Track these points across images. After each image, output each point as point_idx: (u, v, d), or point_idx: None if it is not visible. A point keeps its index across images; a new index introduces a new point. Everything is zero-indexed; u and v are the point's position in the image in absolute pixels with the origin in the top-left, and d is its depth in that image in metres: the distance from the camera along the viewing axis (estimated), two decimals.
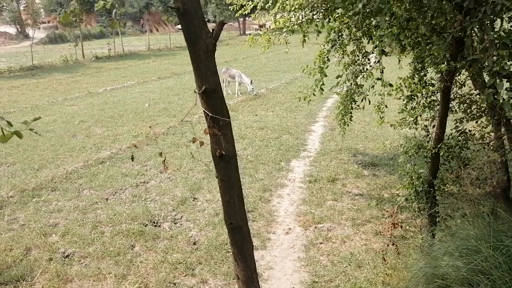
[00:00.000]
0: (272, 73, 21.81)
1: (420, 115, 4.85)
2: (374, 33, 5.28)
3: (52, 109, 14.69)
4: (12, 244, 6.00)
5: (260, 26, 61.08)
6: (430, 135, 4.77)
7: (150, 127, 11.87)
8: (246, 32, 54.67)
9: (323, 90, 5.51)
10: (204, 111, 2.67)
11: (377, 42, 5.13)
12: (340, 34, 5.40)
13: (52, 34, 49.17)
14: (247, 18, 57.83)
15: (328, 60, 5.28)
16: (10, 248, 5.90)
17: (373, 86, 5.39)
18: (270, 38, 5.72)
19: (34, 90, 18.62)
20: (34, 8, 49.77)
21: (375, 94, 5.45)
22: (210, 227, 6.44)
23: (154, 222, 6.61)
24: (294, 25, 5.30)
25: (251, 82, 15.64)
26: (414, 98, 5.07)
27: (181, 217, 6.81)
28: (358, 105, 6.02)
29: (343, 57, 5.79)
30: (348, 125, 6.35)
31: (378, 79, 5.31)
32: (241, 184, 3.02)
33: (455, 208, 4.94)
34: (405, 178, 4.74)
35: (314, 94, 5.66)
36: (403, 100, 5.40)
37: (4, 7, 29.17)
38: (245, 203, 6.91)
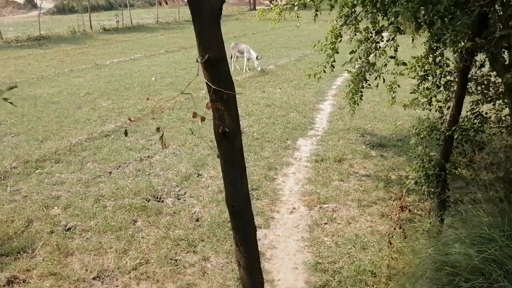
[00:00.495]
0: (281, 49, 21.45)
1: (435, 96, 4.65)
2: (390, 9, 5.06)
3: (58, 80, 14.55)
4: (13, 215, 5.95)
5: (271, 1, 60.26)
6: (444, 117, 4.58)
7: (147, 99, 11.74)
8: (257, 7, 53.87)
9: (334, 67, 5.31)
10: (206, 83, 2.43)
11: (392, 19, 4.91)
12: (353, 10, 5.17)
13: (61, 4, 48.60)
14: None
15: (340, 36, 5.06)
16: (12, 219, 5.85)
17: (385, 65, 5.19)
18: (281, 12, 5.48)
19: (41, 60, 18.46)
20: None
21: (387, 73, 5.25)
22: (213, 204, 6.35)
23: (157, 198, 6.53)
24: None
25: (257, 57, 15.35)
26: (428, 78, 4.86)
27: (185, 193, 6.73)
28: (369, 84, 5.81)
29: (355, 34, 5.56)
30: (358, 104, 6.16)
31: (391, 57, 5.10)
32: (245, 164, 2.83)
33: (466, 192, 4.79)
34: (415, 160, 4.57)
35: (324, 71, 5.47)
36: (417, 80, 5.20)
37: None
38: (249, 181, 6.83)
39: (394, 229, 4.64)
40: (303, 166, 7.80)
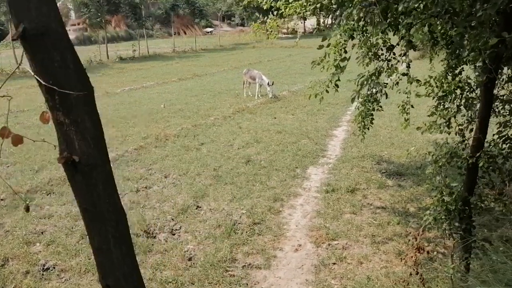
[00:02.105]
0: (296, 75, 21.00)
1: (454, 117, 4.01)
2: (401, 21, 4.50)
3: None
4: None
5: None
6: (466, 141, 3.92)
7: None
8: None
9: (338, 86, 4.73)
10: (36, 79, 1.53)
11: (403, 31, 4.34)
12: (361, 24, 4.61)
13: (81, 36, 49.70)
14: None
15: (345, 51, 4.51)
16: None
17: (397, 83, 4.59)
18: (278, 24, 4.97)
19: None
20: (63, 11, 50.54)
21: (399, 92, 4.65)
22: (209, 240, 5.74)
23: (149, 233, 5.95)
24: (306, 10, 4.54)
25: (268, 83, 14.91)
26: (447, 97, 4.24)
27: (180, 227, 6.13)
28: (381, 106, 5.20)
29: (361, 48, 5.00)
30: (368, 128, 5.54)
31: (403, 74, 4.52)
32: (125, 214, 1.89)
33: (496, 230, 4.08)
34: (434, 192, 3.90)
35: (327, 91, 4.88)
36: (435, 100, 4.59)
37: None
38: (252, 215, 6.20)
39: (410, 274, 3.94)
40: (312, 197, 7.14)
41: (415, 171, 8.04)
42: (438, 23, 4.91)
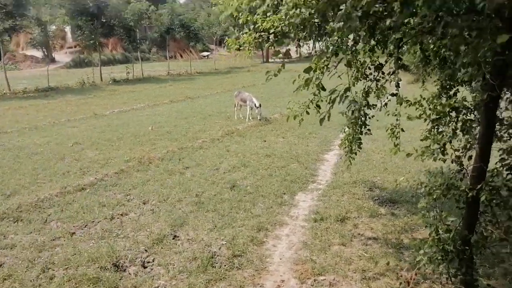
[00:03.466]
0: (289, 98, 20.61)
1: (450, 142, 3.56)
2: (389, 37, 4.11)
3: (51, 130, 13.85)
4: None
5: (284, 54, 60.72)
6: (464, 171, 3.46)
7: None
8: (270, 60, 54.20)
9: (319, 107, 4.31)
10: None
11: (392, 47, 3.95)
12: (346, 40, 4.22)
13: (77, 58, 49.60)
14: (271, 48, 57.40)
15: (327, 69, 4.11)
16: None
17: (385, 104, 4.17)
18: (255, 38, 4.56)
19: (41, 110, 17.97)
20: (60, 34, 50.57)
21: (388, 114, 4.23)
22: (184, 275, 5.22)
23: (118, 266, 5.42)
24: (283, 25, 4.15)
25: (257, 105, 14.57)
26: (441, 120, 3.81)
27: (153, 260, 5.61)
28: (369, 129, 4.77)
29: (351, 69, 4.61)
30: (356, 153, 5.10)
31: (392, 94, 4.11)
32: None
33: (503, 275, 3.59)
34: (428, 229, 3.42)
35: (307, 112, 4.46)
36: (428, 123, 4.17)
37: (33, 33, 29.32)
38: (233, 245, 5.67)
39: None
40: (299, 226, 6.65)
41: (410, 198, 7.58)
42: (430, 41, 4.55)
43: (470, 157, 3.47)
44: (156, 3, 35.37)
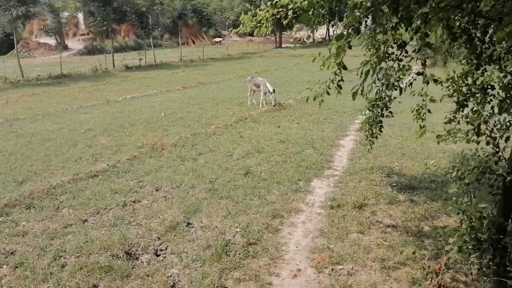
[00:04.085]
0: (303, 84, 20.26)
1: (486, 122, 3.31)
2: (415, 13, 3.84)
3: (64, 116, 13.80)
4: None
5: (297, 40, 60.02)
6: (501, 153, 3.21)
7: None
8: (283, 46, 53.60)
9: (341, 88, 4.07)
10: None
11: (418, 22, 3.68)
12: (367, 14, 3.95)
13: (90, 45, 49.62)
14: (283, 32, 56.85)
15: (350, 47, 3.86)
16: None
17: (411, 84, 3.92)
18: (273, 14, 4.29)
19: (54, 97, 17.95)
20: (73, 21, 50.61)
21: (413, 95, 3.98)
22: (197, 264, 5.07)
23: (130, 254, 5.30)
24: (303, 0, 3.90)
25: (271, 91, 14.32)
26: (467, 105, 3.55)
27: (166, 247, 5.47)
28: (391, 112, 4.53)
29: (369, 49, 4.35)
30: (376, 137, 4.87)
31: (419, 73, 3.86)
32: None
33: None
34: (458, 216, 3.19)
35: (328, 93, 4.22)
36: (453, 103, 3.91)
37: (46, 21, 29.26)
38: (247, 233, 5.51)
39: None
40: (316, 213, 6.46)
41: (429, 184, 7.34)
42: (457, 17, 4.27)
43: (507, 139, 3.22)
44: None
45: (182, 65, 31.88)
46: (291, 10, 4.06)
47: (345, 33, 3.66)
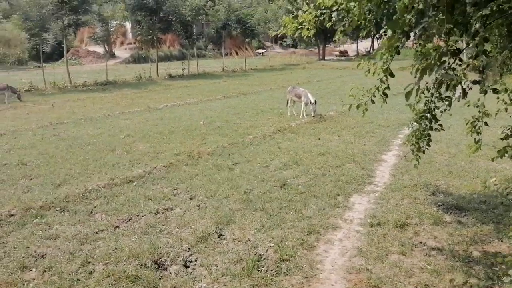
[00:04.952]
0: (345, 96, 19.89)
1: None
2: (473, 15, 3.50)
3: (106, 122, 14.02)
4: None
5: (341, 52, 59.39)
6: None
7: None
8: (326, 58, 53.15)
9: (387, 96, 3.77)
10: None
11: (477, 25, 3.34)
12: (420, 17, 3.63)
13: (136, 54, 50.94)
14: (327, 45, 56.42)
15: (398, 53, 3.56)
16: None
17: (465, 94, 3.57)
18: (316, 16, 4.03)
19: (97, 103, 18.35)
20: (121, 30, 52.12)
21: (468, 105, 3.62)
22: (227, 278, 4.84)
23: (159, 264, 5.14)
24: (348, 2, 3.64)
25: (312, 102, 14.01)
26: None
27: (196, 259, 5.28)
28: (441, 125, 4.17)
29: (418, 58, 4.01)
30: (424, 151, 4.51)
31: (475, 82, 3.51)
32: None
33: None
34: None
35: (372, 101, 3.92)
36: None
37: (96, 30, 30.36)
38: (282, 248, 5.21)
39: None
40: (354, 230, 6.11)
41: (479, 205, 6.83)
42: None
43: None
44: None
45: (224, 75, 32.08)
46: (335, 12, 3.80)
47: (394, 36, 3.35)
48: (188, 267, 5.13)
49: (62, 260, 5.17)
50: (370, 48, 58.81)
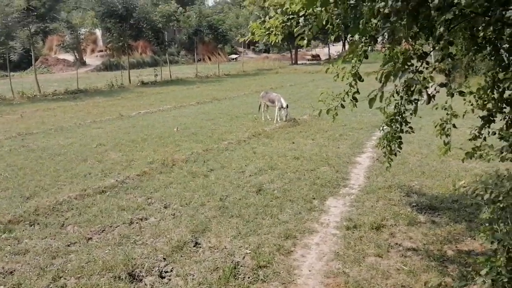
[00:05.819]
0: (317, 100, 20.05)
1: None
2: (437, 19, 3.56)
3: (77, 131, 13.72)
4: None
5: (313, 56, 59.96)
6: None
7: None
8: (298, 62, 53.56)
9: (356, 100, 3.79)
10: None
11: (441, 29, 3.40)
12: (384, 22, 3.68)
13: (107, 62, 50.24)
14: (299, 50, 56.88)
15: (366, 57, 3.59)
16: None
17: (433, 96, 3.62)
18: (283, 22, 4.03)
19: (68, 112, 17.98)
20: (91, 38, 51.33)
21: (436, 108, 3.68)
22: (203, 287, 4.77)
23: (134, 276, 5.03)
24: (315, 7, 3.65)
25: (284, 106, 14.11)
26: (494, 120, 3.25)
27: (171, 269, 5.19)
28: (411, 127, 4.22)
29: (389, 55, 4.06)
30: (395, 154, 4.56)
31: (442, 85, 3.56)
32: None
33: None
34: (492, 244, 2.85)
35: (342, 106, 3.94)
36: (481, 119, 3.60)
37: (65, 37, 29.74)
38: (258, 254, 5.17)
39: None
40: (331, 234, 6.12)
41: (451, 205, 6.95)
42: (482, 25, 3.97)
43: None
44: (184, 5, 35.40)
45: (197, 81, 31.94)
46: (303, 17, 3.80)
47: (361, 40, 3.38)
48: (164, 277, 5.04)
49: (32, 276, 5.00)
50: (342, 49, 59.60)
